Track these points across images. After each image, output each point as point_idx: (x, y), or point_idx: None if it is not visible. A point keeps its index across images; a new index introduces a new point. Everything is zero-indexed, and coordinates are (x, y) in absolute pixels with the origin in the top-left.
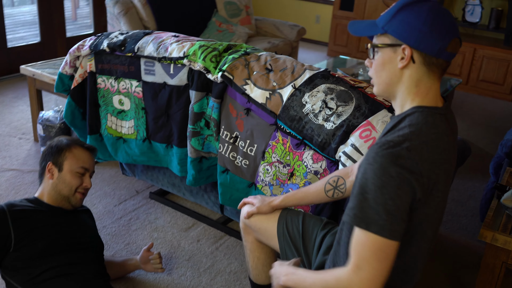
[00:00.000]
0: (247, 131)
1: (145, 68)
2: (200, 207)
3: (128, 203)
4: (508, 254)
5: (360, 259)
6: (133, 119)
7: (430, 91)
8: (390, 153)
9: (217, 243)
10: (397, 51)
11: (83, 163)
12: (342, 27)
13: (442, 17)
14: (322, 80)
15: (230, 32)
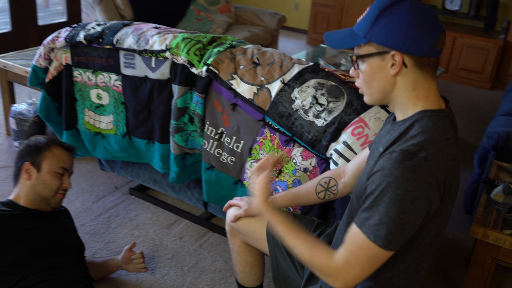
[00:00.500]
0: (233, 127)
1: (125, 61)
2: (182, 203)
3: (107, 200)
4: (499, 250)
5: (353, 257)
6: (112, 114)
7: (430, 92)
8: (408, 166)
9: (201, 240)
10: (386, 58)
11: (63, 163)
12: (322, 15)
13: (425, 14)
14: (312, 74)
15: (210, 20)
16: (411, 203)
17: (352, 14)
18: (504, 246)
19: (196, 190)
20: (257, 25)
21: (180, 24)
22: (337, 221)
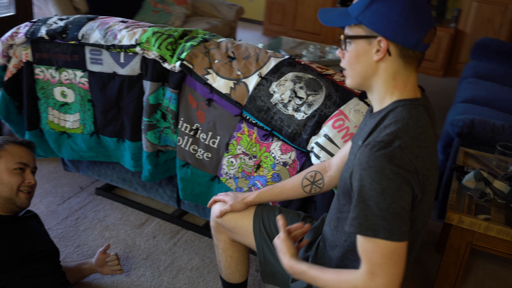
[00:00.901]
0: (209, 123)
1: (91, 57)
2: (152, 201)
3: (72, 201)
4: (473, 235)
5: (373, 265)
6: (79, 112)
7: (408, 83)
8: (383, 154)
9: (174, 238)
10: (372, 43)
11: (20, 159)
12: (277, 6)
13: (419, 7)
14: (289, 68)
15: (167, 12)
16: (398, 190)
17: (308, 5)
18: (479, 231)
19: (169, 188)
20: (215, 16)
21: (136, 17)
22: (323, 215)
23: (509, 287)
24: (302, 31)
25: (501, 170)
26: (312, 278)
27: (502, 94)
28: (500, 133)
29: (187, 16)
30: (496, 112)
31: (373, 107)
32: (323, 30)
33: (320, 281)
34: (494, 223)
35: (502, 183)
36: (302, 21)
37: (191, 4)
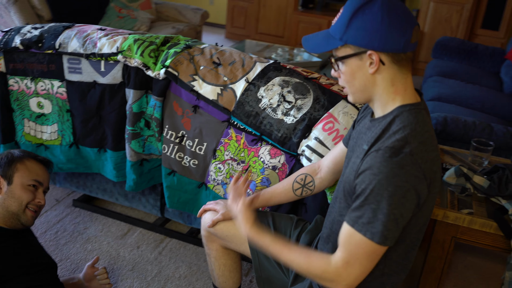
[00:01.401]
0: (195, 130)
1: (69, 66)
2: (133, 211)
3: (50, 215)
4: (457, 229)
5: (351, 256)
6: (57, 123)
7: (407, 86)
8: (395, 162)
9: (159, 247)
10: (363, 57)
11: (36, 176)
12: (239, 9)
13: (396, 11)
14: (275, 72)
15: (132, 18)
16: (402, 198)
17: (270, 8)
18: (463, 225)
19: (152, 197)
20: (180, 21)
21: (101, 22)
22: (316, 217)
23: (487, 277)
24: (266, 34)
25: (477, 165)
26: (276, 252)
27: (466, 91)
28: (472, 129)
29: (152, 21)
30: (463, 109)
31: (375, 113)
32: (286, 32)
33: (285, 257)
34: (477, 216)
35: (482, 178)
36: (265, 24)
37: (155, 9)
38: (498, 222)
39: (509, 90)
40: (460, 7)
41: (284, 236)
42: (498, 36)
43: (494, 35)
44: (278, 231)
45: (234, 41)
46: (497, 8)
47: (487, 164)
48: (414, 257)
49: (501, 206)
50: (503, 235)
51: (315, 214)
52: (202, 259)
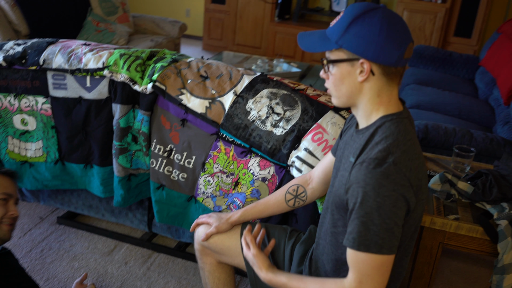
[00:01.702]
0: (183, 143)
1: (54, 82)
2: (118, 226)
3: (34, 233)
4: (445, 235)
5: (362, 275)
6: (41, 139)
7: (392, 97)
8: (380, 173)
9: (147, 262)
10: (355, 65)
11: (4, 189)
12: (216, 21)
13: (395, 25)
14: (263, 84)
15: (110, 31)
16: (392, 206)
17: (246, 19)
18: (450, 230)
19: (139, 212)
20: (158, 34)
21: (79, 36)
22: (310, 227)
23: (473, 281)
24: (243, 45)
25: (459, 171)
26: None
27: (444, 98)
28: (453, 136)
29: (130, 34)
30: (442, 115)
31: (359, 123)
32: (264, 43)
33: None
34: (463, 222)
35: (466, 184)
36: (242, 35)
37: (132, 22)
38: (484, 226)
39: (484, 96)
40: (433, 16)
41: (279, 247)
42: (471, 44)
43: (467, 43)
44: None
45: (211, 53)
46: (469, 16)
47: (469, 170)
48: (407, 264)
49: (485, 211)
50: (489, 239)
51: (306, 224)
52: (192, 273)
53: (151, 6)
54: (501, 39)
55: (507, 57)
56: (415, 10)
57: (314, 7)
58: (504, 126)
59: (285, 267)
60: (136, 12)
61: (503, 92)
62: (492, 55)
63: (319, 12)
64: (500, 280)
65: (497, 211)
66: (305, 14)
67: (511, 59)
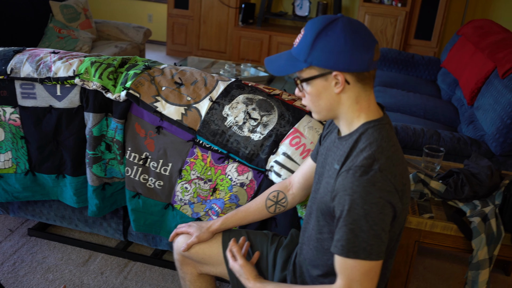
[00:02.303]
0: (159, 151)
1: (22, 92)
2: (92, 236)
3: (4, 246)
4: (420, 233)
5: (351, 281)
6: (10, 150)
7: (370, 102)
8: (366, 180)
9: (124, 271)
10: (329, 78)
11: None
12: (179, 26)
13: (358, 31)
14: (239, 90)
15: (73, 38)
16: (380, 213)
17: (210, 24)
18: (425, 229)
19: (114, 221)
20: (122, 40)
21: (41, 44)
22: (291, 231)
23: (447, 277)
24: (208, 50)
25: (429, 171)
26: None
27: (408, 100)
28: (421, 137)
29: (94, 41)
30: (408, 117)
31: (341, 130)
32: (228, 48)
33: None
34: (438, 220)
35: (438, 183)
36: (206, 40)
37: (95, 28)
38: (458, 224)
39: (447, 96)
40: (394, 19)
41: (261, 252)
42: (431, 46)
43: (427, 45)
44: (255, 249)
45: (176, 58)
46: (428, 19)
47: (439, 169)
48: (391, 265)
49: (458, 209)
50: (463, 236)
51: (286, 228)
52: (170, 280)
53: (112, 12)
54: (461, 41)
55: (467, 59)
56: (376, 14)
57: (277, 11)
58: (469, 126)
59: (268, 272)
60: (98, 18)
61: (466, 93)
62: (453, 57)
63: (283, 17)
64: (475, 275)
65: (469, 208)
66: (268, 19)
67: (471, 61)
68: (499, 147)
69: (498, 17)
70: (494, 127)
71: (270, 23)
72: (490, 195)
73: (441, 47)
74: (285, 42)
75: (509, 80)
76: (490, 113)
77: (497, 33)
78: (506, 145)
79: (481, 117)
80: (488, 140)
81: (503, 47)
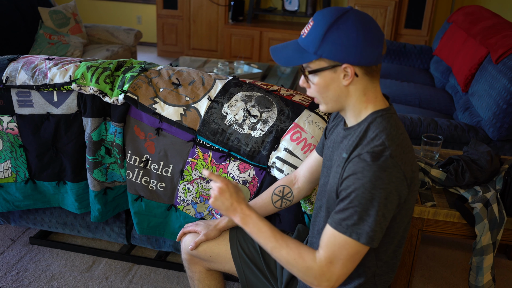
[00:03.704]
0: (159, 152)
1: (19, 100)
2: (94, 241)
3: (7, 256)
4: (423, 222)
5: (335, 257)
6: (9, 159)
7: (377, 94)
8: (378, 165)
9: (128, 275)
10: (338, 70)
11: None
12: (169, 26)
13: (369, 24)
14: (237, 88)
15: (64, 43)
16: (385, 199)
17: (200, 23)
18: (428, 217)
19: (116, 225)
20: (113, 43)
21: (32, 50)
22: (298, 226)
23: (450, 265)
24: (199, 49)
25: (428, 159)
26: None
27: (403, 89)
28: (419, 125)
29: (85, 45)
30: (404, 106)
31: (348, 122)
32: (220, 46)
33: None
34: (440, 208)
35: (438, 171)
36: (197, 39)
37: (86, 32)
38: (461, 211)
39: (441, 84)
40: (383, 9)
41: None
42: (421, 35)
43: (418, 34)
44: None
45: (167, 59)
46: (418, 8)
47: (438, 157)
48: (400, 255)
49: (460, 195)
50: (466, 223)
51: (290, 223)
52: (175, 282)
53: (101, 15)
54: (452, 28)
55: (459, 46)
56: (366, 5)
57: (267, 7)
58: (464, 112)
59: (277, 269)
60: (87, 22)
61: (460, 80)
62: (445, 44)
63: (272, 12)
64: (480, 261)
65: (471, 195)
66: (258, 15)
67: (464, 47)
68: (496, 132)
69: (487, 3)
70: (490, 112)
71: (260, 19)
72: (491, 180)
73: (432, 35)
74: (276, 38)
75: (503, 65)
76: (486, 98)
77: (487, 18)
78: (503, 130)
79: (476, 103)
80: (484, 125)
81: (494, 32)
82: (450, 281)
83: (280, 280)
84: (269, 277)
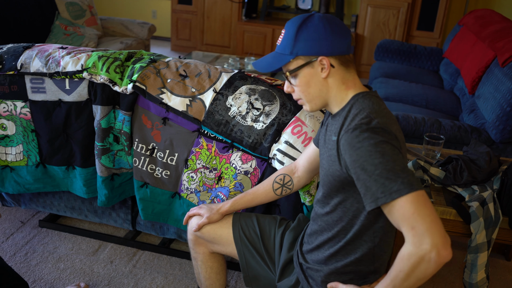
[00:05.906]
0: (165, 141)
1: (32, 86)
2: (101, 227)
3: (17, 237)
4: None
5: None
6: (22, 143)
7: (356, 82)
8: (370, 129)
9: (133, 260)
10: (315, 65)
11: None
12: (183, 21)
13: (334, 20)
14: (241, 81)
15: (80, 35)
16: (393, 150)
17: (214, 19)
18: None
19: (122, 211)
20: (127, 36)
21: (48, 41)
22: (299, 215)
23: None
24: (212, 45)
25: (430, 158)
26: None
27: (411, 90)
28: (422, 125)
29: (99, 37)
30: (410, 106)
31: (333, 111)
32: (232, 42)
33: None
34: (437, 205)
35: (438, 169)
36: (210, 35)
37: (101, 25)
38: (457, 209)
39: (449, 86)
40: (396, 11)
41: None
42: (433, 37)
43: (430, 36)
44: (263, 230)
45: (180, 53)
46: (431, 10)
47: (439, 157)
48: (392, 243)
49: (458, 194)
50: (462, 220)
51: (289, 213)
52: (177, 268)
53: (117, 9)
54: (462, 31)
55: (469, 48)
56: (378, 6)
57: (280, 5)
58: (470, 114)
59: (275, 252)
60: (103, 15)
61: (467, 82)
62: (455, 47)
63: (285, 10)
64: (474, 258)
65: (468, 193)
66: (271, 13)
67: (472, 50)
68: (499, 134)
69: (500, 7)
70: (494, 114)
71: (273, 17)
72: (489, 180)
73: (444, 38)
74: None
75: (508, 68)
76: (491, 101)
77: (497, 22)
78: (506, 132)
79: (481, 105)
80: (488, 127)
81: (503, 36)
82: (447, 279)
83: (278, 264)
84: (267, 261)
